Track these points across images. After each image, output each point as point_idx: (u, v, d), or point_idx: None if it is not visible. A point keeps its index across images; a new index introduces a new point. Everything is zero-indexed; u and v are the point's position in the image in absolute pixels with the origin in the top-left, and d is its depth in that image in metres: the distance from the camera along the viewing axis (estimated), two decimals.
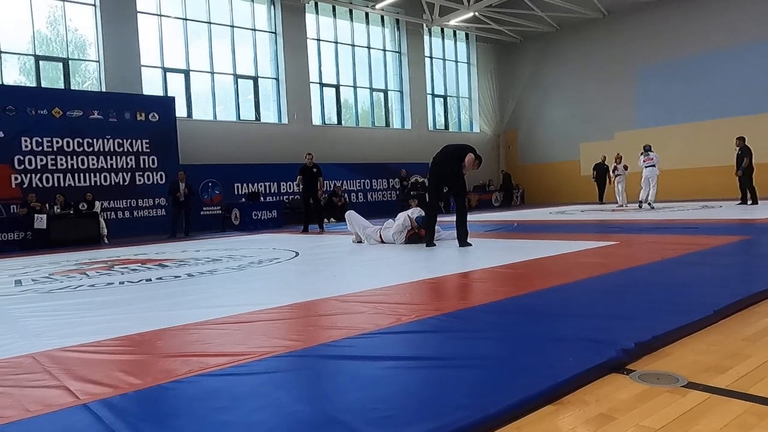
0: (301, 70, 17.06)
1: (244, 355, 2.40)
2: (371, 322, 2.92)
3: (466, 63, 22.20)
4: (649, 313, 2.80)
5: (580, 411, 1.75)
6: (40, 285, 5.31)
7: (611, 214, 11.80)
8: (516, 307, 3.16)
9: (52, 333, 3.13)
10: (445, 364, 2.19)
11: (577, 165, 20.54)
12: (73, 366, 2.40)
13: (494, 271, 4.65)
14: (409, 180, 18.45)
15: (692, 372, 2.03)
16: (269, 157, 15.98)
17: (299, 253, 7.00)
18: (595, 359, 2.09)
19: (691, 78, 17.40)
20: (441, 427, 1.58)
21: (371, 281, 4.39)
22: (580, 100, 20.37)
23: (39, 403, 1.95)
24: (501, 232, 8.94)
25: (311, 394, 1.97)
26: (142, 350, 2.68)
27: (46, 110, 12.33)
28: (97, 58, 13.99)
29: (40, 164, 12.23)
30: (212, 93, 15.74)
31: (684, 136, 17.28)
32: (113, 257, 7.94)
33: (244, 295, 4.23)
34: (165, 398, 1.98)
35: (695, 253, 4.98)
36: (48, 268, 6.93)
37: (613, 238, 6.67)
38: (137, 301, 4.19)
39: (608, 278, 3.97)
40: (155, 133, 13.71)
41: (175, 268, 6.07)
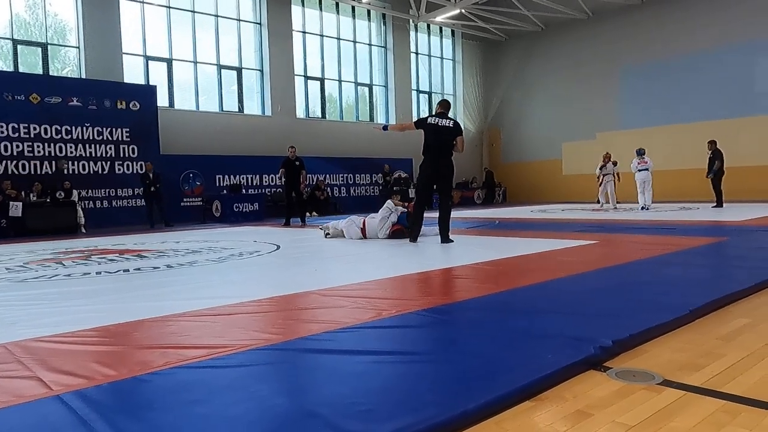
0: (285, 62, 16.92)
1: (223, 348, 2.37)
2: (351, 317, 2.91)
3: (451, 60, 22.23)
4: (627, 311, 2.84)
5: (558, 407, 1.76)
6: (14, 274, 5.21)
7: (591, 214, 11.93)
8: (496, 304, 3.18)
9: (25, 323, 3.07)
10: (424, 359, 2.19)
11: (559, 164, 20.71)
12: (47, 356, 2.35)
13: (475, 267, 4.67)
14: (392, 175, 18.45)
15: (668, 370, 2.06)
16: (252, 149, 15.84)
17: (280, 247, 6.96)
18: (573, 356, 2.11)
19: (674, 80, 17.62)
20: (420, 422, 1.58)
21: (353, 276, 4.38)
22: (564, 100, 20.52)
23: (10, 394, 1.91)
24: (483, 229, 8.99)
25: (290, 387, 1.95)
26: (118, 341, 2.64)
27: (23, 96, 12.06)
28: (77, 44, 13.70)
29: (16, 151, 11.96)
30: (195, 83, 15.53)
31: (665, 138, 17.50)
32: (90, 247, 7.82)
33: (224, 287, 4.19)
34: (141, 390, 1.95)
35: (672, 253, 5.06)
36: (23, 257, 6.80)
37: (592, 237, 6.75)
38: (114, 291, 4.13)
39: (587, 276, 4.01)
40: (136, 122, 13.49)
41: (154, 259, 5.99)
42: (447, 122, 6.64)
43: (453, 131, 6.59)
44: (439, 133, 6.56)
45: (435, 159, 6.58)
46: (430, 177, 6.70)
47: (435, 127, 6.59)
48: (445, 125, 6.61)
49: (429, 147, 6.61)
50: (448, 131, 6.57)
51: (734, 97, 16.36)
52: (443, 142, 6.56)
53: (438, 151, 6.57)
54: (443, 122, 6.63)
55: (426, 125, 6.65)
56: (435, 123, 6.62)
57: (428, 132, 6.61)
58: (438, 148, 6.56)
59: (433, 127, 6.60)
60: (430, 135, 6.59)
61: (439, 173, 6.64)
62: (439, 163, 6.60)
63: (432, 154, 6.60)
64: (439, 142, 6.55)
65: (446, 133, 6.56)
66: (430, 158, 6.62)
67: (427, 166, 6.66)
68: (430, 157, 6.61)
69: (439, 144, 6.55)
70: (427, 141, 6.62)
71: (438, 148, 6.56)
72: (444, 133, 6.56)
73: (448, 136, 6.56)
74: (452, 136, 6.57)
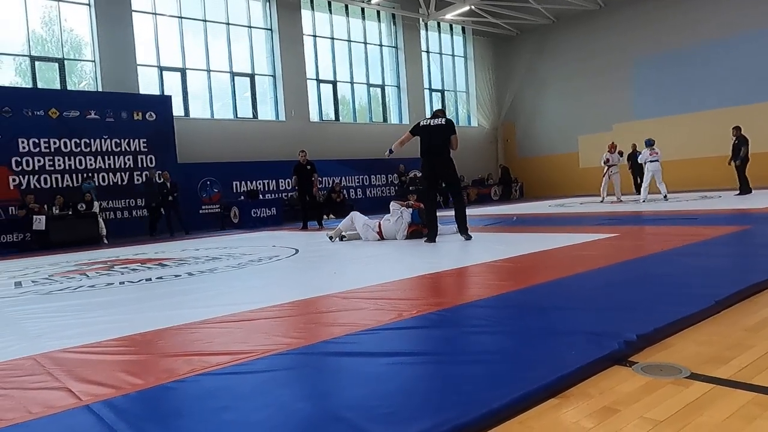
0: (297, 66, 17.01)
1: (246, 354, 2.39)
2: (372, 318, 2.91)
3: (462, 57, 22.15)
4: (651, 304, 2.80)
5: (584, 404, 1.74)
6: (39, 286, 5.30)
7: (610, 207, 11.80)
8: (517, 301, 3.16)
9: (52, 334, 3.12)
10: (446, 359, 2.18)
11: (575, 157, 20.52)
12: (75, 367, 2.39)
13: (494, 265, 4.64)
14: (407, 175, 18.43)
15: (695, 363, 2.03)
16: (267, 154, 15.95)
17: (299, 250, 6.99)
18: (597, 352, 2.08)
19: (688, 68, 17.38)
20: (444, 423, 1.57)
21: (372, 277, 4.39)
22: (578, 93, 20.33)
23: (41, 405, 1.95)
24: (501, 225, 8.94)
25: (313, 391, 1.96)
26: (143, 350, 2.67)
27: (42, 111, 12.30)
28: (92, 58, 13.94)
29: (37, 165, 12.20)
30: (209, 91, 15.69)
31: (681, 127, 17.26)
32: (113, 257, 7.94)
33: (245, 293, 4.22)
34: (167, 398, 1.97)
35: (695, 244, 4.98)
36: (47, 269, 6.92)
37: (612, 230, 6.67)
38: (138, 301, 4.18)
39: (609, 270, 3.97)
40: (153, 132, 13.68)
41: (175, 268, 6.06)
42: (439, 121, 6.76)
43: (445, 129, 6.68)
44: (431, 133, 6.68)
45: (431, 159, 6.71)
46: (429, 177, 6.85)
47: (427, 128, 6.75)
48: (437, 124, 6.73)
49: (424, 148, 6.75)
50: (440, 129, 6.68)
51: (750, 84, 16.09)
52: (436, 141, 6.65)
53: (432, 151, 6.68)
54: (435, 122, 6.77)
55: (419, 129, 6.83)
56: (427, 124, 6.79)
57: (422, 134, 6.76)
58: (432, 148, 6.67)
59: (425, 128, 6.77)
60: (423, 136, 6.73)
61: (437, 172, 6.76)
62: (435, 162, 6.70)
63: (427, 155, 6.73)
64: (432, 142, 6.66)
65: (439, 132, 6.67)
66: (426, 159, 6.77)
67: (425, 167, 6.83)
68: (427, 157, 6.76)
69: (432, 143, 6.66)
70: (422, 142, 6.75)
71: (432, 148, 6.67)
72: (436, 132, 6.67)
73: (441, 135, 6.66)
74: (445, 134, 6.66)
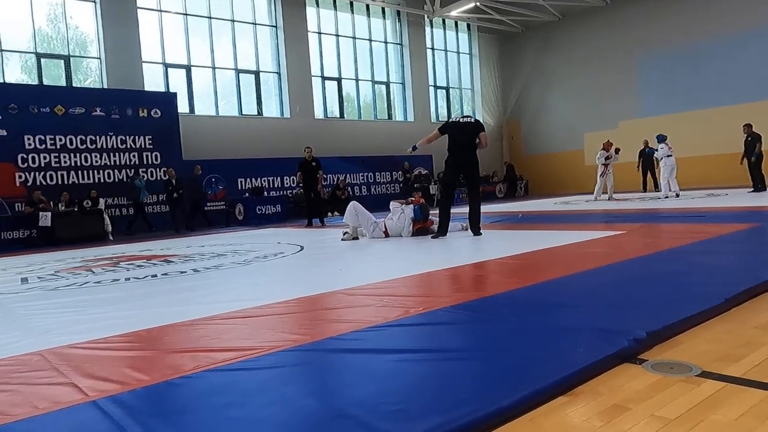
0: (302, 63, 16.99)
1: (252, 350, 2.38)
2: (379, 315, 2.90)
3: (468, 54, 22.08)
4: (659, 302, 2.77)
5: (594, 402, 1.73)
6: (46, 282, 5.32)
7: (617, 204, 11.74)
8: (524, 298, 3.14)
9: (59, 330, 3.12)
10: (454, 356, 2.17)
11: (581, 155, 20.41)
12: (81, 363, 2.39)
13: (501, 262, 4.62)
14: (412, 173, 18.40)
15: (706, 361, 2.00)
16: (272, 151, 15.94)
17: (304, 247, 6.99)
18: (606, 349, 2.06)
19: (695, 65, 17.25)
20: (452, 420, 1.56)
21: (378, 274, 4.37)
22: (584, 90, 20.23)
23: (48, 401, 1.94)
24: (506, 223, 8.91)
25: (320, 388, 1.95)
26: (149, 346, 2.67)
27: (48, 108, 12.32)
28: (98, 55, 13.95)
29: (43, 162, 12.23)
30: (214, 88, 15.69)
31: (689, 124, 17.14)
32: (118, 254, 7.95)
33: (250, 289, 4.22)
34: (173, 394, 1.96)
35: (703, 241, 4.94)
36: (53, 265, 6.94)
37: (619, 228, 6.63)
38: (143, 297, 4.18)
39: (616, 268, 3.94)
40: (158, 130, 13.69)
41: (181, 264, 6.06)
42: (469, 119, 7.01)
43: (476, 128, 6.88)
44: (463, 130, 6.83)
45: (459, 155, 6.82)
46: (455, 172, 6.91)
47: (458, 124, 6.93)
48: (468, 121, 6.95)
49: (454, 144, 6.86)
50: (471, 127, 6.87)
51: (760, 81, 15.94)
52: (468, 138, 6.79)
53: (463, 148, 6.81)
54: (466, 119, 7.00)
55: (450, 126, 7.01)
56: (457, 121, 6.99)
57: (453, 131, 6.88)
58: (463, 145, 6.81)
59: (456, 124, 6.94)
60: (455, 133, 6.85)
61: (463, 168, 6.84)
62: (463, 159, 6.80)
63: (457, 151, 6.84)
64: (463, 139, 6.79)
65: (470, 129, 6.84)
66: (454, 154, 6.86)
67: (452, 161, 6.89)
68: (455, 153, 6.85)
69: (464, 140, 6.80)
70: (452, 139, 6.87)
71: (463, 145, 6.81)
72: (468, 130, 6.83)
73: (472, 132, 6.82)
74: (475, 132, 6.83)
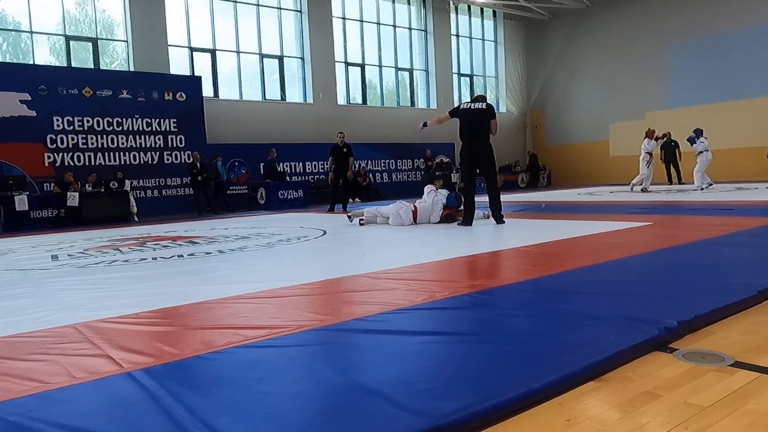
0: (326, 49, 16.96)
1: (281, 328, 2.41)
2: (404, 299, 2.91)
3: (493, 41, 21.82)
4: (690, 292, 2.74)
5: (624, 388, 1.72)
6: (75, 260, 5.43)
7: (642, 196, 11.57)
8: (551, 286, 3.13)
9: (90, 305, 3.19)
10: (482, 339, 2.17)
11: (606, 145, 20.14)
12: (114, 336, 2.44)
13: (525, 250, 4.60)
14: (434, 160, 18.31)
15: (738, 351, 1.98)
16: (294, 136, 16.00)
17: (327, 232, 7.02)
18: (637, 337, 2.05)
19: (725, 56, 16.81)
20: (483, 401, 1.56)
21: (401, 259, 4.38)
22: (611, 80, 19.88)
23: (84, 371, 2.00)
24: (529, 212, 8.84)
25: (349, 366, 1.97)
26: (179, 322, 2.72)
27: (76, 90, 12.50)
28: (125, 38, 14.10)
29: (71, 143, 12.44)
30: (238, 72, 15.76)
31: (718, 116, 16.76)
32: (144, 234, 8.08)
33: (275, 271, 4.26)
34: (205, 368, 2.00)
35: (733, 234, 4.86)
36: (82, 244, 7.08)
37: (645, 219, 6.54)
38: (171, 276, 4.25)
39: (644, 258, 3.90)
40: (182, 113, 13.82)
41: (206, 245, 6.14)
42: (480, 105, 6.76)
43: (486, 113, 6.69)
44: (472, 117, 6.67)
45: (471, 143, 6.70)
46: (470, 161, 6.81)
47: (468, 111, 6.75)
48: (479, 107, 6.73)
49: (464, 131, 6.75)
50: (481, 114, 6.69)
51: None
52: (477, 125, 6.65)
53: (474, 137, 6.69)
54: (476, 105, 6.76)
55: (459, 111, 6.83)
56: (468, 108, 6.79)
57: (462, 117, 6.75)
58: (473, 132, 6.68)
59: (466, 111, 6.76)
60: (464, 119, 6.73)
61: (476, 157, 6.73)
62: (474, 147, 6.69)
63: (468, 138, 6.73)
64: (473, 126, 6.66)
65: (480, 116, 6.67)
66: (466, 143, 6.77)
67: (466, 150, 6.80)
68: (467, 141, 6.76)
69: (473, 127, 6.66)
70: (462, 126, 6.76)
71: (473, 132, 6.68)
72: (478, 116, 6.67)
73: (482, 119, 6.66)
74: (486, 118, 6.66)
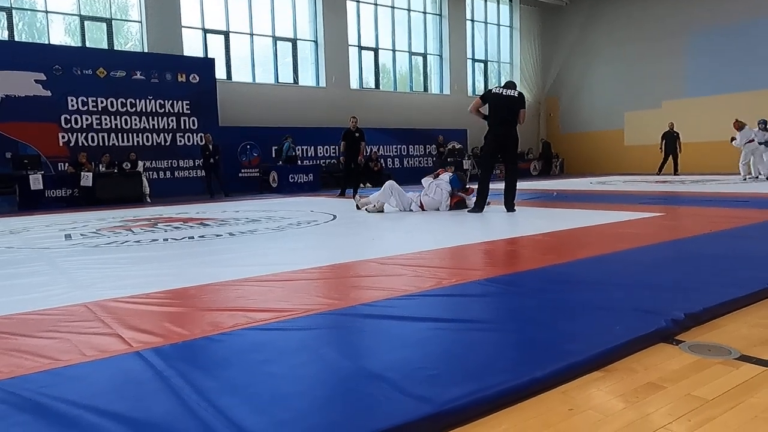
0: (339, 32, 16.86)
1: (288, 312, 2.43)
2: (412, 285, 2.92)
3: (508, 27, 21.55)
4: (698, 284, 2.72)
5: (629, 379, 1.72)
6: (88, 240, 5.50)
7: (655, 186, 11.46)
8: (559, 275, 3.12)
9: (102, 284, 3.24)
10: (488, 327, 2.18)
11: (621, 135, 19.91)
12: (124, 316, 2.48)
13: (535, 238, 4.59)
14: (446, 146, 18.22)
15: (745, 345, 1.97)
16: (307, 120, 15.98)
17: (337, 216, 7.04)
18: (643, 328, 2.04)
19: (746, 45, 16.48)
20: (487, 388, 1.58)
21: (410, 245, 4.38)
22: (627, 68, 19.58)
23: (94, 349, 2.03)
24: (541, 200, 8.80)
25: (355, 351, 1.99)
26: (188, 303, 2.75)
27: (90, 70, 12.55)
28: (139, 19, 14.10)
29: (85, 123, 12.52)
30: (251, 55, 15.72)
31: (738, 106, 16.45)
32: (156, 215, 8.15)
33: (285, 254, 4.29)
34: (213, 349, 2.03)
35: (746, 226, 4.80)
36: (95, 224, 7.16)
37: (657, 209, 6.49)
38: (181, 257, 4.29)
39: (654, 249, 3.87)
40: (195, 95, 13.84)
41: (216, 227, 6.18)
42: (512, 92, 6.68)
43: (518, 101, 6.63)
44: (503, 103, 6.59)
45: (499, 128, 6.62)
46: (495, 147, 6.75)
47: (499, 96, 6.66)
48: (510, 95, 6.65)
49: (494, 116, 6.65)
50: (513, 101, 6.62)
51: None
52: (507, 112, 6.58)
53: (504, 123, 6.60)
54: (508, 92, 6.68)
55: (491, 96, 6.71)
56: (500, 93, 6.69)
57: (493, 102, 6.65)
58: (502, 118, 6.59)
59: (497, 96, 6.66)
60: (494, 104, 6.63)
61: (503, 143, 6.68)
62: (502, 133, 6.63)
63: (497, 124, 6.64)
64: (502, 112, 6.58)
65: (511, 103, 6.61)
66: (494, 128, 6.67)
67: (493, 136, 6.71)
68: (495, 126, 6.66)
69: (503, 113, 6.58)
70: (492, 111, 6.66)
71: (502, 118, 6.59)
72: (508, 102, 6.60)
73: (513, 106, 6.60)
74: (516, 106, 6.61)
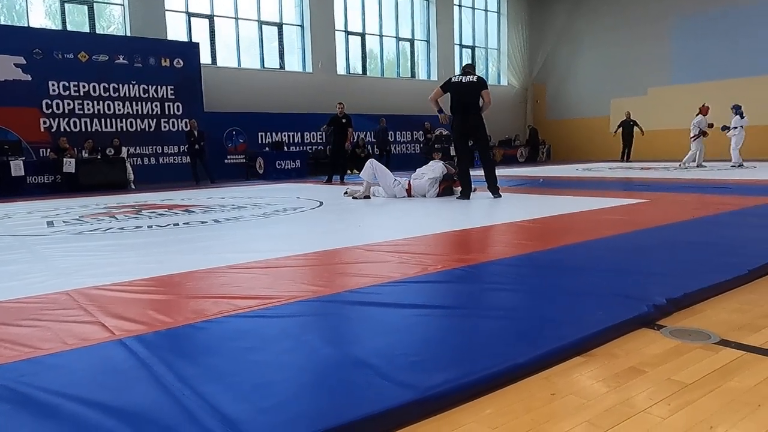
0: (326, 17, 16.68)
1: (273, 299, 2.43)
2: (397, 271, 2.92)
3: (496, 12, 21.48)
4: (680, 270, 2.76)
5: (610, 363, 1.74)
6: (71, 227, 5.43)
7: (640, 173, 11.56)
8: (543, 261, 3.14)
9: (84, 272, 3.20)
10: (472, 313, 2.19)
11: (606, 121, 19.99)
12: (107, 303, 2.46)
13: (520, 225, 4.61)
14: (433, 133, 18.18)
15: (725, 330, 2.00)
16: (293, 106, 15.85)
17: (323, 203, 7.02)
18: (625, 313, 2.07)
19: (731, 32, 16.58)
20: (469, 374, 1.58)
21: (397, 232, 4.38)
22: (614, 55, 19.63)
23: (76, 337, 2.01)
24: (527, 187, 8.83)
25: (339, 338, 1.99)
26: (172, 291, 2.73)
27: (72, 54, 12.32)
28: (121, 2, 13.83)
29: (67, 108, 12.32)
30: (236, 39, 15.52)
31: (724, 94, 16.59)
32: (140, 202, 8.06)
33: (270, 241, 4.27)
34: (197, 337, 2.02)
35: (728, 213, 4.87)
36: (78, 210, 7.07)
37: (642, 195, 6.55)
38: (165, 244, 4.26)
39: (638, 235, 3.91)
40: (180, 80, 13.66)
41: (202, 214, 6.14)
42: (471, 78, 6.69)
43: (477, 86, 6.62)
44: (462, 90, 6.62)
45: (462, 115, 6.66)
46: (461, 134, 6.79)
47: (458, 84, 6.68)
48: (469, 81, 6.66)
49: (455, 104, 6.71)
50: (472, 86, 6.63)
51: None
52: (467, 98, 6.60)
53: (464, 110, 6.64)
54: (466, 78, 6.69)
55: (450, 85, 6.75)
56: (458, 81, 6.71)
57: (452, 90, 6.69)
58: (462, 106, 6.63)
59: (456, 84, 6.70)
60: (455, 92, 6.67)
61: (467, 130, 6.72)
62: (466, 122, 6.66)
63: (458, 112, 6.68)
64: (463, 99, 6.61)
65: (470, 89, 6.61)
66: (457, 116, 6.72)
67: (456, 123, 6.76)
68: (458, 114, 6.71)
69: (463, 101, 6.61)
70: (453, 99, 6.70)
71: (462, 106, 6.63)
72: (468, 89, 6.61)
73: (473, 90, 6.61)
74: (477, 91, 6.61)
